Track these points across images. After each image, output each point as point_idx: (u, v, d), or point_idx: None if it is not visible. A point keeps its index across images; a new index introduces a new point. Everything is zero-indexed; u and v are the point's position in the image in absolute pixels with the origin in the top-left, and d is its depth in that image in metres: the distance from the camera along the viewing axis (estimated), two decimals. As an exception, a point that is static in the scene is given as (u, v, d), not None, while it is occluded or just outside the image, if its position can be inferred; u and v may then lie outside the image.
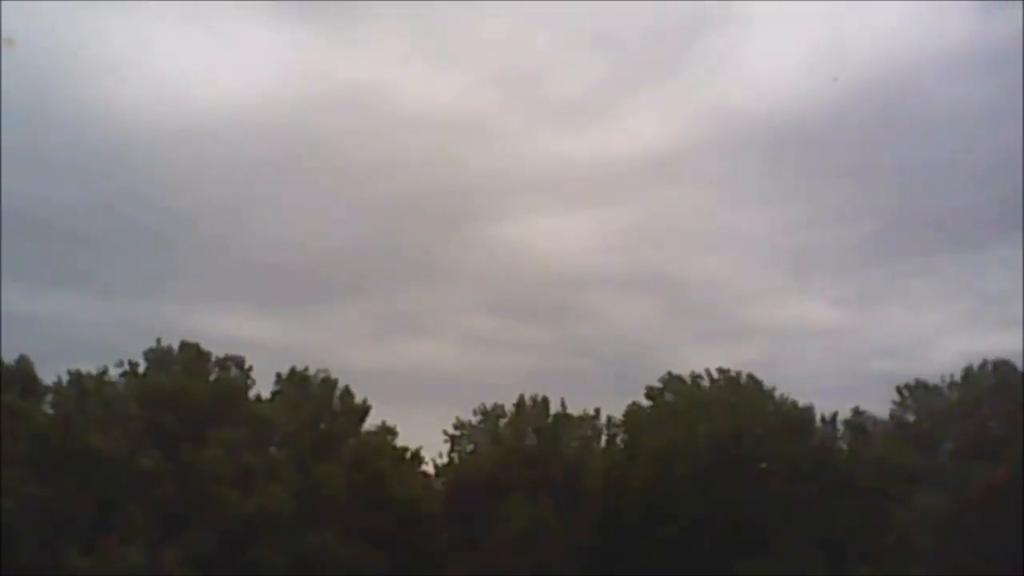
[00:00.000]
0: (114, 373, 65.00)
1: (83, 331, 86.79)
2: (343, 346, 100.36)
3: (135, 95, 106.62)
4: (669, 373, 73.45)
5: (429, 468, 71.80)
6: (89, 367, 64.48)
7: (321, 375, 70.47)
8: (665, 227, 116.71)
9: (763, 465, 66.56)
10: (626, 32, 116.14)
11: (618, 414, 73.14)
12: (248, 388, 68.32)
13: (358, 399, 70.64)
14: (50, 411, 62.42)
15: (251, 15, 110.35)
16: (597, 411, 72.81)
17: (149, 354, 66.59)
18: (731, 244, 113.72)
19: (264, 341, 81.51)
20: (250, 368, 68.59)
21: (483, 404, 72.11)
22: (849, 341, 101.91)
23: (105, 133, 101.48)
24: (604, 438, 73.33)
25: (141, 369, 66.13)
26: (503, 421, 71.65)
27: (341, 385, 70.37)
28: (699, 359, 69.89)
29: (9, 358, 62.80)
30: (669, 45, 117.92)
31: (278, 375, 70.22)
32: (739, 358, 70.58)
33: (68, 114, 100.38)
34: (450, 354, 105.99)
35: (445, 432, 71.62)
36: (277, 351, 70.53)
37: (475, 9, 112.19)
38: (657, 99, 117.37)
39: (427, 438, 71.25)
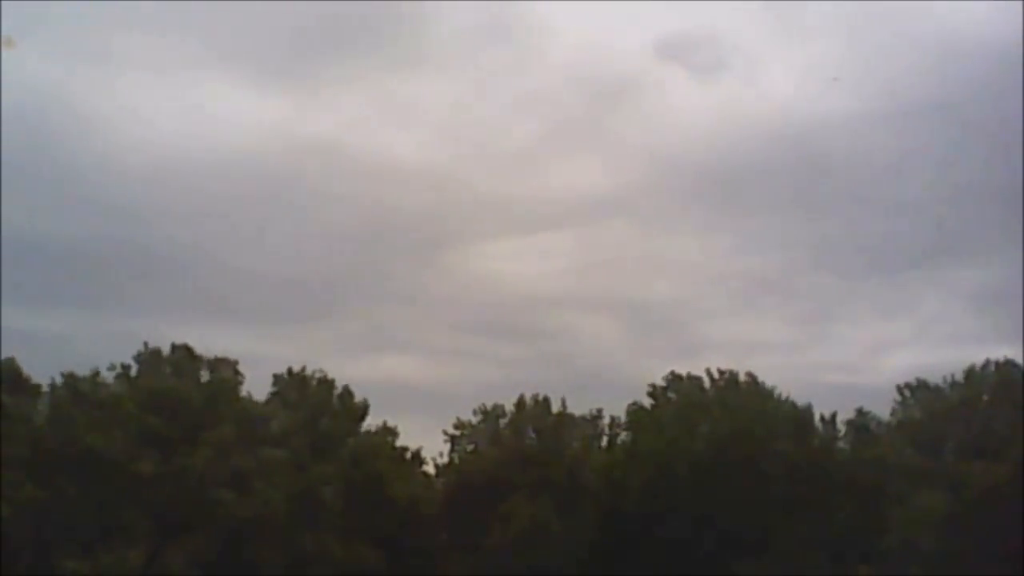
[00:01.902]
0: (107, 376, 64.18)
1: (81, 345, 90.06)
2: (321, 359, 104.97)
3: (131, 144, 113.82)
4: (672, 372, 73.53)
5: (429, 468, 71.76)
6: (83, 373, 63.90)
7: (318, 375, 70.40)
8: (615, 255, 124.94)
9: (763, 465, 66.39)
10: (556, 95, 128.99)
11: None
12: (240, 388, 67.73)
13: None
14: (47, 412, 61.95)
15: (229, 82, 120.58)
16: (600, 411, 72.98)
17: (140, 357, 65.62)
18: (678, 269, 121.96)
19: (252, 354, 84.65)
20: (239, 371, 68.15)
21: (483, 404, 71.91)
22: (800, 356, 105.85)
23: (104, 177, 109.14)
24: (605, 438, 73.28)
25: (133, 372, 65.20)
26: (503, 421, 71.45)
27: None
28: (661, 372, 74.11)
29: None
30: (598, 104, 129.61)
31: (275, 376, 70.02)
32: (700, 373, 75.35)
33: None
34: (420, 368, 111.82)
35: (445, 432, 71.51)
36: (265, 362, 74.08)
37: (418, 76, 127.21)
38: (594, 148, 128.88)
39: (405, 442, 71.21)
